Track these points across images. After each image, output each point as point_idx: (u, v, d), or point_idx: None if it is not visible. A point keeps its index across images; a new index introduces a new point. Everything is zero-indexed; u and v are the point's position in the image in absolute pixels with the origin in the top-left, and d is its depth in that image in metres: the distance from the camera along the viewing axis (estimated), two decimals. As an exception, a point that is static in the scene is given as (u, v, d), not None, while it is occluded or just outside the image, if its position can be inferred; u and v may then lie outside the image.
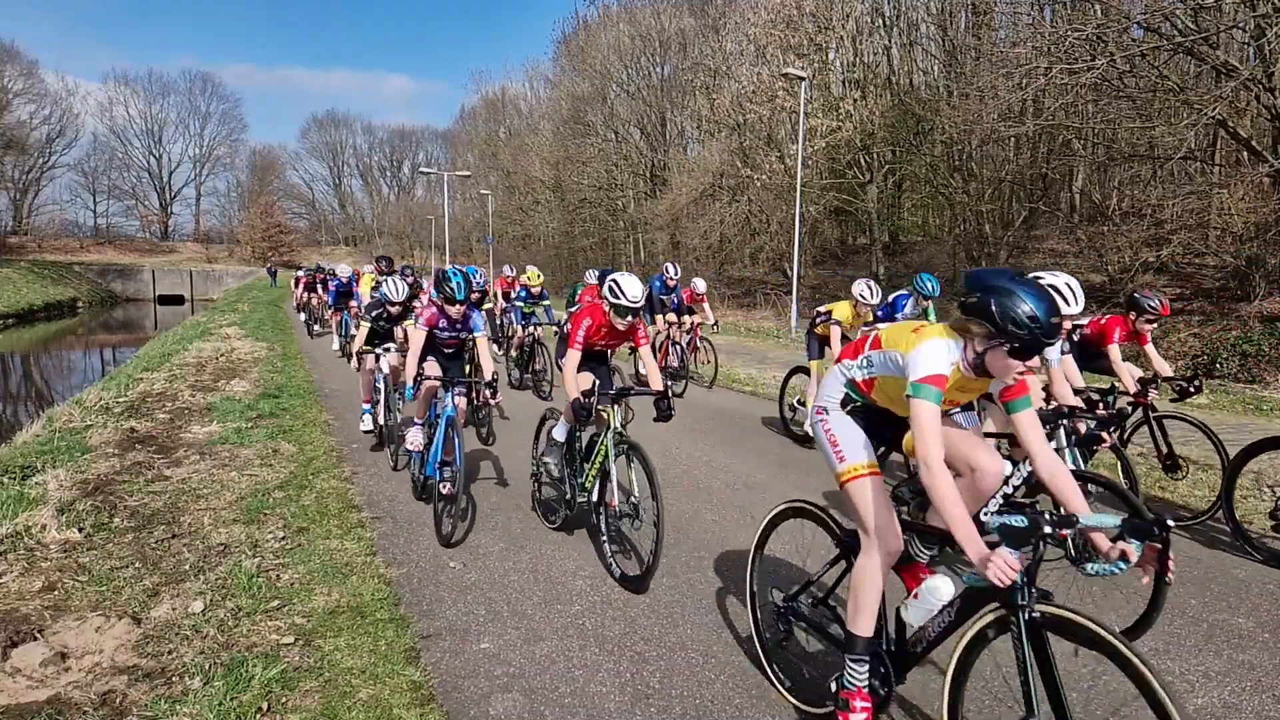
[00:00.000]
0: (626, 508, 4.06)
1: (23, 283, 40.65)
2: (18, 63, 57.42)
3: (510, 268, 15.12)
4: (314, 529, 4.69)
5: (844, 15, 23.97)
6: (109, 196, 69.19)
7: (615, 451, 4.11)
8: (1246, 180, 13.38)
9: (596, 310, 4.49)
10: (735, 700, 2.95)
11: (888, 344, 2.56)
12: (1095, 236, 16.81)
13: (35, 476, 5.44)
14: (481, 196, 51.75)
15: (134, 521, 4.74)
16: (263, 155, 76.06)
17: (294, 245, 65.25)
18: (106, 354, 25.51)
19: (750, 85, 25.60)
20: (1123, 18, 13.28)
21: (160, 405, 8.59)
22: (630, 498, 4.07)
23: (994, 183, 19.98)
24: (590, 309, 4.50)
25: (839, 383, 2.74)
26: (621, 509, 4.07)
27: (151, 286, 52.33)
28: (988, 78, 16.16)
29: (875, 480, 2.59)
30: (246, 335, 16.59)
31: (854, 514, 2.61)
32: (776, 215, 25.84)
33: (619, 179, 39.11)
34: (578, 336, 4.39)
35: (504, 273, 14.60)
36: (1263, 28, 11.90)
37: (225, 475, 5.80)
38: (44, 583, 3.79)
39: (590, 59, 39.62)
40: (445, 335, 5.33)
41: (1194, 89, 13.30)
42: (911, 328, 2.52)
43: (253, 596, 3.68)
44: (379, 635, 3.38)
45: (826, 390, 2.78)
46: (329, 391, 10.01)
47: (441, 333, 5.29)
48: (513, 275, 14.28)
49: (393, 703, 2.86)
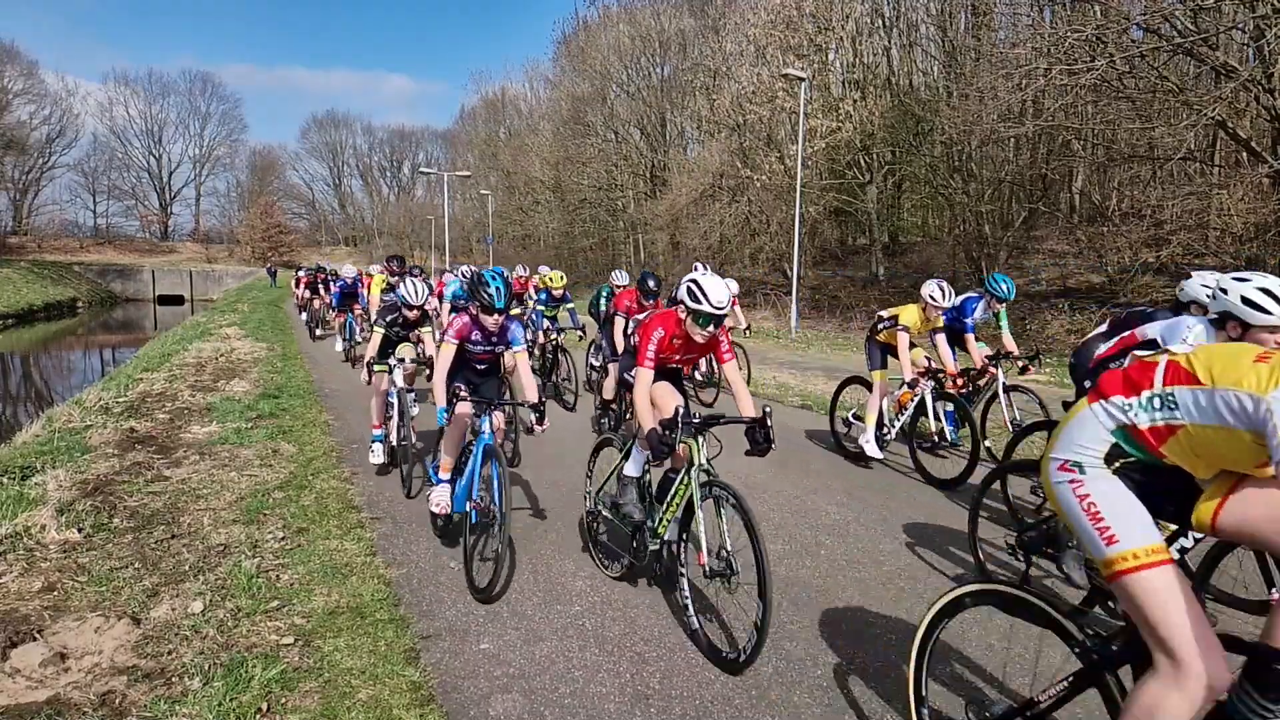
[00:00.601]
0: (717, 566, 3.24)
1: (22, 283, 40.64)
2: (18, 63, 57.46)
3: (523, 267, 14.49)
4: (314, 529, 4.69)
5: (844, 16, 23.98)
6: (109, 197, 69.23)
7: (702, 494, 3.37)
8: (1246, 181, 13.39)
9: (669, 319, 3.77)
10: (735, 701, 2.95)
11: (1216, 378, 1.75)
12: (1095, 237, 16.83)
13: (35, 477, 5.44)
14: (481, 197, 51.78)
15: (134, 522, 4.74)
16: (263, 155, 76.12)
17: (294, 245, 65.23)
18: (106, 354, 25.50)
19: (750, 86, 25.62)
20: (1122, 19, 13.29)
21: (160, 405, 8.58)
22: (721, 552, 3.21)
23: (994, 183, 19.99)
24: (662, 317, 3.80)
25: (1102, 429, 1.98)
26: (711, 567, 3.27)
27: (151, 287, 52.34)
28: (987, 78, 16.17)
29: (1169, 573, 1.81)
30: (246, 335, 16.58)
31: (1141, 622, 1.83)
32: (776, 216, 25.85)
33: (619, 179, 39.13)
34: (648, 351, 3.70)
35: (517, 273, 13.99)
36: (1262, 29, 11.91)
37: (225, 475, 5.80)
38: (43, 583, 3.79)
39: (590, 59, 39.65)
40: (479, 349, 4.56)
41: (1193, 90, 13.31)
42: (1253, 353, 1.75)
43: (252, 597, 3.68)
44: (379, 636, 3.37)
45: (1078, 438, 2.01)
46: (329, 392, 10.01)
47: (474, 346, 4.51)
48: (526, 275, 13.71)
49: (392, 703, 2.86)
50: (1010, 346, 6.74)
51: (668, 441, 3.43)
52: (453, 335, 4.36)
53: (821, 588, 4.02)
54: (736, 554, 3.16)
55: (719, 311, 3.56)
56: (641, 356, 3.72)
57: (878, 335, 6.58)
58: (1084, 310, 15.02)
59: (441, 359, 4.32)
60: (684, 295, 3.62)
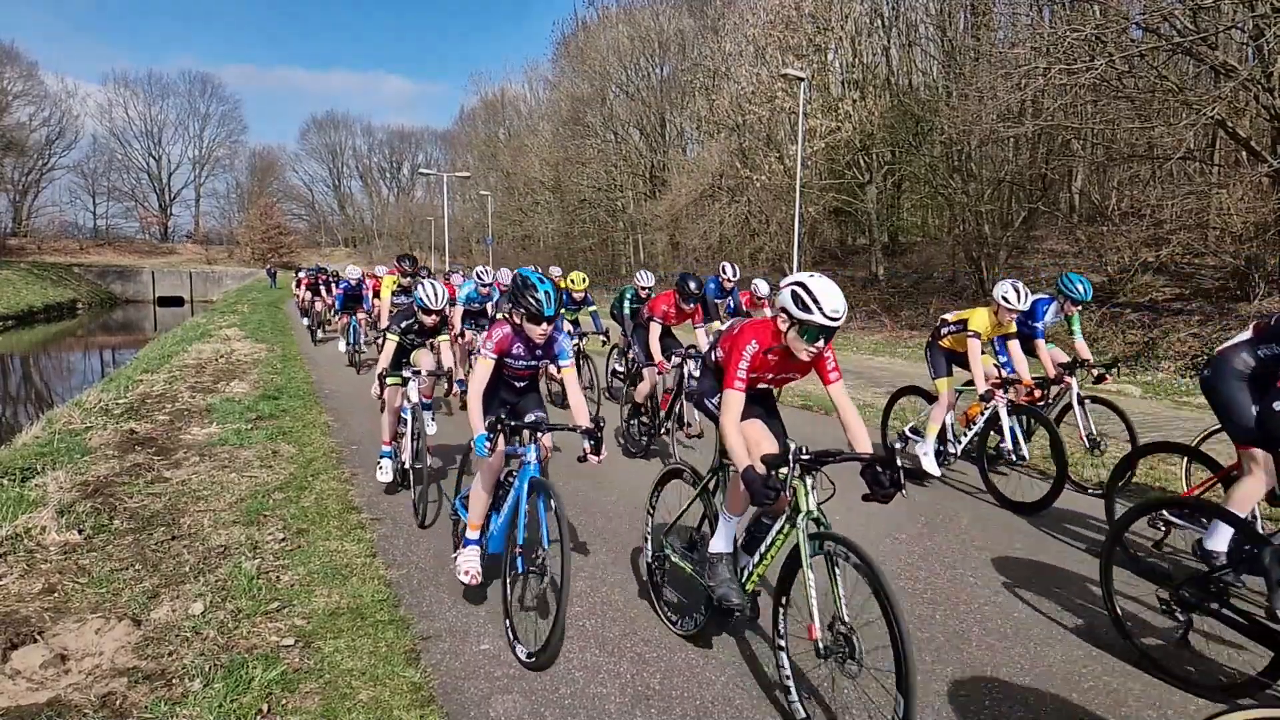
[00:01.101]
0: (832, 642, 2.59)
1: (22, 284, 40.65)
2: (17, 64, 57.53)
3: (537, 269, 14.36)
4: (314, 530, 4.69)
5: (843, 16, 23.98)
6: (108, 198, 69.30)
7: (811, 548, 2.71)
8: (1245, 180, 13.38)
9: (764, 330, 3.08)
10: (736, 701, 2.95)
11: None
12: (1095, 237, 16.83)
13: (35, 478, 5.44)
14: (481, 197, 51.78)
15: (134, 523, 4.74)
16: (262, 156, 76.20)
17: (293, 246, 65.29)
18: (106, 356, 25.50)
19: (749, 86, 25.62)
20: (1121, 18, 13.29)
21: (160, 407, 8.58)
22: (838, 624, 2.57)
23: (993, 183, 19.99)
24: (754, 329, 3.11)
25: None
26: (824, 645, 2.61)
27: (151, 288, 52.39)
28: (987, 78, 16.17)
29: None
30: (246, 336, 16.59)
31: None
32: (776, 216, 25.86)
33: (618, 180, 39.15)
34: (739, 371, 2.99)
35: None
36: (1261, 28, 11.91)
37: (225, 477, 5.80)
38: (44, 585, 3.79)
39: (590, 60, 39.68)
40: (519, 364, 3.87)
41: (1193, 89, 13.31)
42: None
43: (253, 598, 3.68)
44: (379, 637, 3.37)
45: None
46: (328, 393, 10.01)
47: (514, 361, 3.83)
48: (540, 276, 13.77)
49: (393, 704, 2.86)
50: (1084, 353, 6.15)
51: (774, 485, 2.72)
52: (491, 349, 3.68)
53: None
54: (859, 629, 2.54)
55: (834, 323, 2.86)
56: (730, 377, 3.00)
57: (941, 340, 6.00)
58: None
59: (477, 376, 3.70)
60: (787, 302, 2.93)
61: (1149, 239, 14.85)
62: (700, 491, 3.48)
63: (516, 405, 4.04)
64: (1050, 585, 4.02)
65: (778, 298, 3.03)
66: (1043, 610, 3.72)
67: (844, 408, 3.09)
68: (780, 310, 2.98)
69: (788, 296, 2.94)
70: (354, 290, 13.34)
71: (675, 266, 29.56)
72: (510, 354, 3.80)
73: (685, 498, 3.63)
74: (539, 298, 3.53)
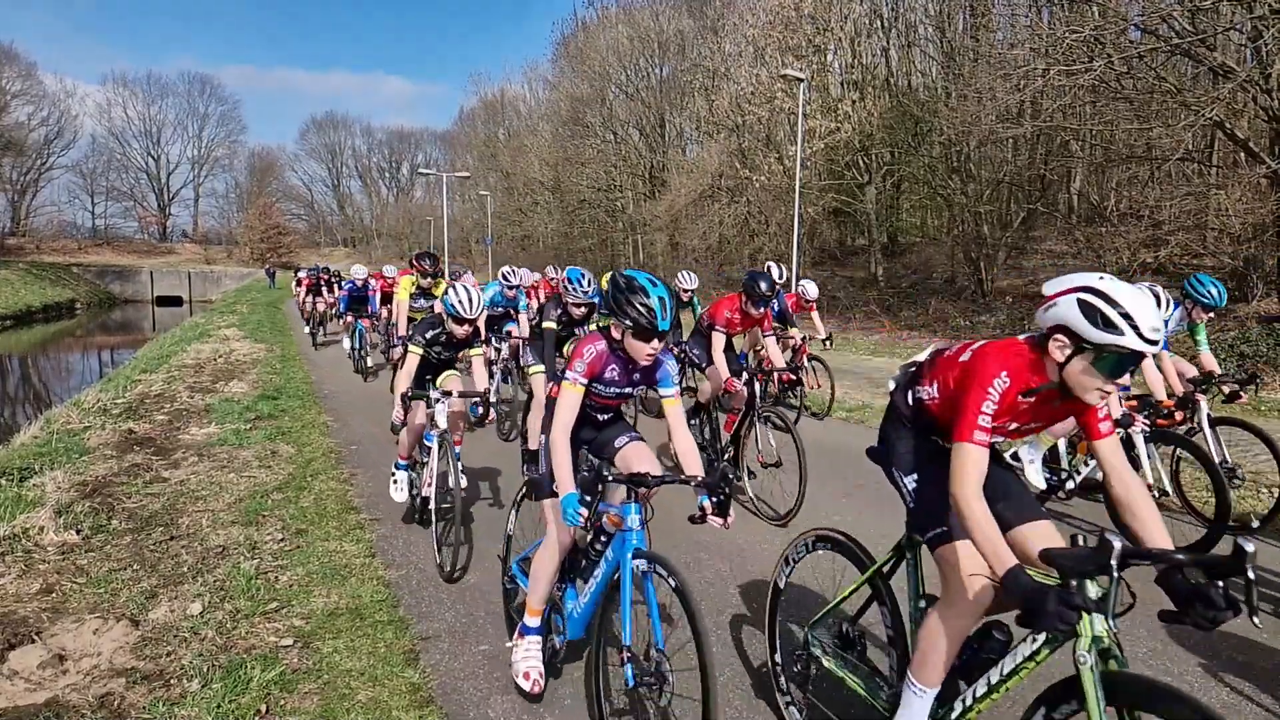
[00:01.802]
0: None
1: (21, 284, 40.60)
2: (16, 64, 57.60)
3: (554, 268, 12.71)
4: (313, 531, 4.68)
5: (842, 17, 24.00)
6: (107, 198, 69.24)
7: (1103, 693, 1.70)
8: (1244, 181, 13.39)
9: (1019, 360, 2.08)
10: (735, 702, 2.95)
11: None
12: (1093, 237, 16.84)
13: (33, 478, 5.44)
14: (480, 198, 51.76)
15: (132, 523, 4.74)
16: (261, 157, 76.20)
17: (292, 246, 65.24)
18: (105, 355, 25.47)
19: (749, 86, 25.64)
20: (1120, 19, 13.30)
21: (159, 407, 8.58)
22: None
23: (992, 184, 20.01)
24: (1003, 352, 2.10)
25: None
26: None
27: (150, 288, 52.33)
28: (986, 79, 16.19)
29: None
30: (245, 336, 16.58)
31: None
32: (775, 216, 25.87)
33: (618, 180, 39.15)
34: (980, 415, 2.02)
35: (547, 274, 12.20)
36: (1260, 29, 11.92)
37: (224, 477, 5.80)
38: (42, 585, 3.79)
39: (589, 60, 39.68)
40: (610, 391, 3.02)
41: (1191, 90, 13.32)
42: None
43: (251, 598, 3.67)
44: (378, 637, 3.37)
45: None
46: (327, 393, 10.01)
47: (604, 387, 2.97)
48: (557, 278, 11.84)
49: (392, 704, 2.85)
50: (1212, 366, 5.30)
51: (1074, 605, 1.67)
52: (582, 372, 2.79)
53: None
54: None
55: (1152, 347, 1.91)
56: (968, 425, 2.01)
57: None
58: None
59: (564, 410, 2.77)
60: (1072, 317, 1.94)
61: (1148, 240, 14.87)
62: (870, 576, 2.46)
63: (595, 443, 3.17)
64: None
65: (1051, 311, 2.01)
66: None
67: (1128, 484, 2.04)
68: (1056, 330, 1.99)
69: (1072, 309, 1.95)
70: (359, 292, 12.64)
71: (675, 267, 29.52)
72: (601, 378, 2.93)
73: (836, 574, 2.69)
74: (650, 306, 2.67)
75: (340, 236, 79.59)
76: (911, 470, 2.36)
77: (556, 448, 2.71)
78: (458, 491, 4.13)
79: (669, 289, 2.88)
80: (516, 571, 3.33)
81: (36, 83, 59.93)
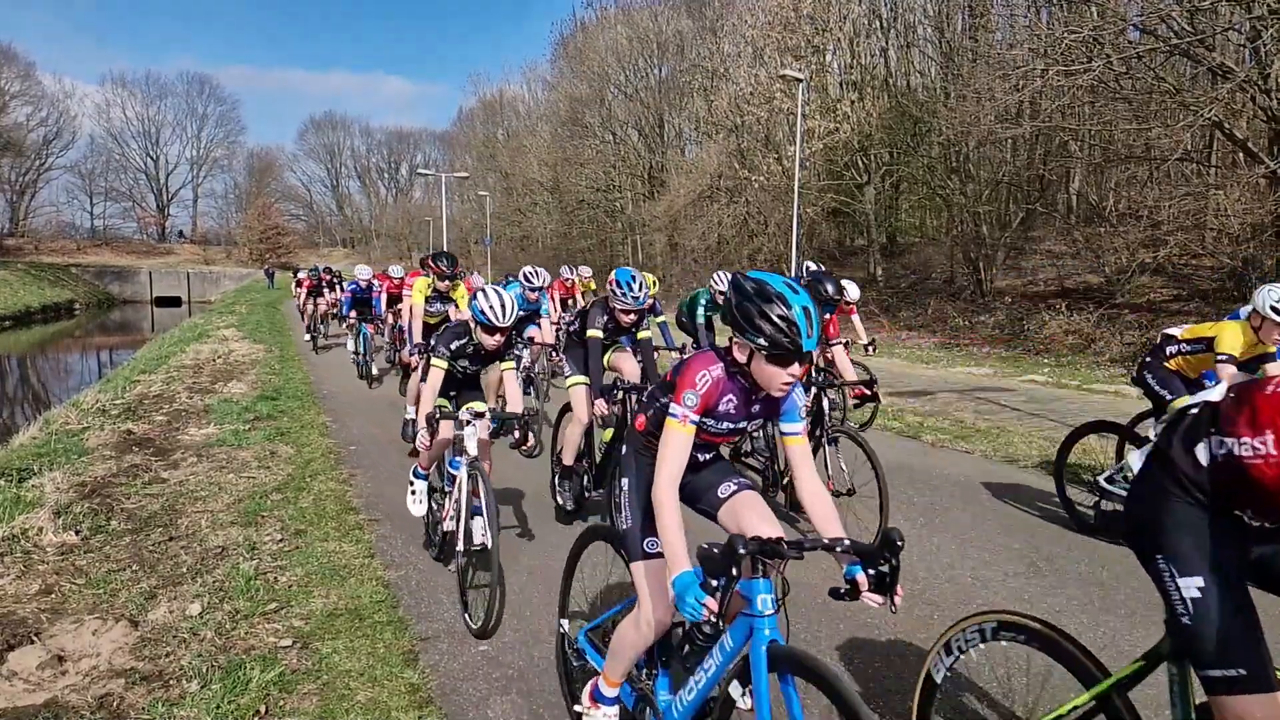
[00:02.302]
0: None
1: (19, 285, 40.58)
2: (15, 64, 57.64)
3: (570, 269, 11.87)
4: (312, 531, 4.68)
5: (841, 17, 24.01)
6: (106, 198, 69.37)
7: None
8: (1243, 182, 13.41)
9: None
10: (734, 702, 2.93)
11: None
12: (1092, 238, 16.85)
13: (32, 479, 5.43)
14: (479, 198, 51.76)
15: (131, 524, 4.73)
16: (260, 157, 76.30)
17: (291, 247, 65.27)
18: (104, 356, 25.46)
19: (748, 87, 25.65)
20: (1119, 19, 13.31)
21: (158, 407, 8.57)
22: None
23: (991, 184, 20.02)
24: None
25: None
26: None
27: (149, 288, 52.35)
28: (985, 79, 16.19)
29: None
30: (244, 337, 16.57)
31: None
32: (774, 216, 25.87)
33: (617, 180, 39.14)
34: None
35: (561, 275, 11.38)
36: (1258, 30, 11.94)
37: (223, 477, 5.79)
38: (41, 585, 3.79)
39: (588, 61, 39.67)
40: (721, 428, 2.32)
41: (1190, 91, 13.34)
42: None
43: (250, 599, 3.67)
44: (377, 638, 3.37)
45: None
46: (326, 393, 10.00)
47: (716, 423, 2.29)
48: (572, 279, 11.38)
49: (391, 705, 2.85)
50: None
51: None
52: (694, 406, 2.13)
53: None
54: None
55: None
56: None
57: (1168, 361, 4.68)
58: (1082, 311, 15.03)
59: (671, 458, 2.11)
60: None
61: (1146, 240, 14.88)
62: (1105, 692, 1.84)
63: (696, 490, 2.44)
64: None
65: None
66: None
67: None
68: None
69: None
70: (363, 294, 11.91)
71: (674, 267, 29.57)
72: (715, 411, 2.22)
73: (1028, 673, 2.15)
74: (792, 319, 1.96)
75: (339, 237, 79.62)
76: (1196, 571, 1.64)
77: (664, 508, 2.05)
78: (495, 545, 3.47)
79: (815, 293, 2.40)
80: (585, 644, 2.63)
81: (35, 83, 60.13)
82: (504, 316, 3.89)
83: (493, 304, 3.87)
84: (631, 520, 2.33)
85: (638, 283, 4.64)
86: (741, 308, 2.04)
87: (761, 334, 1.99)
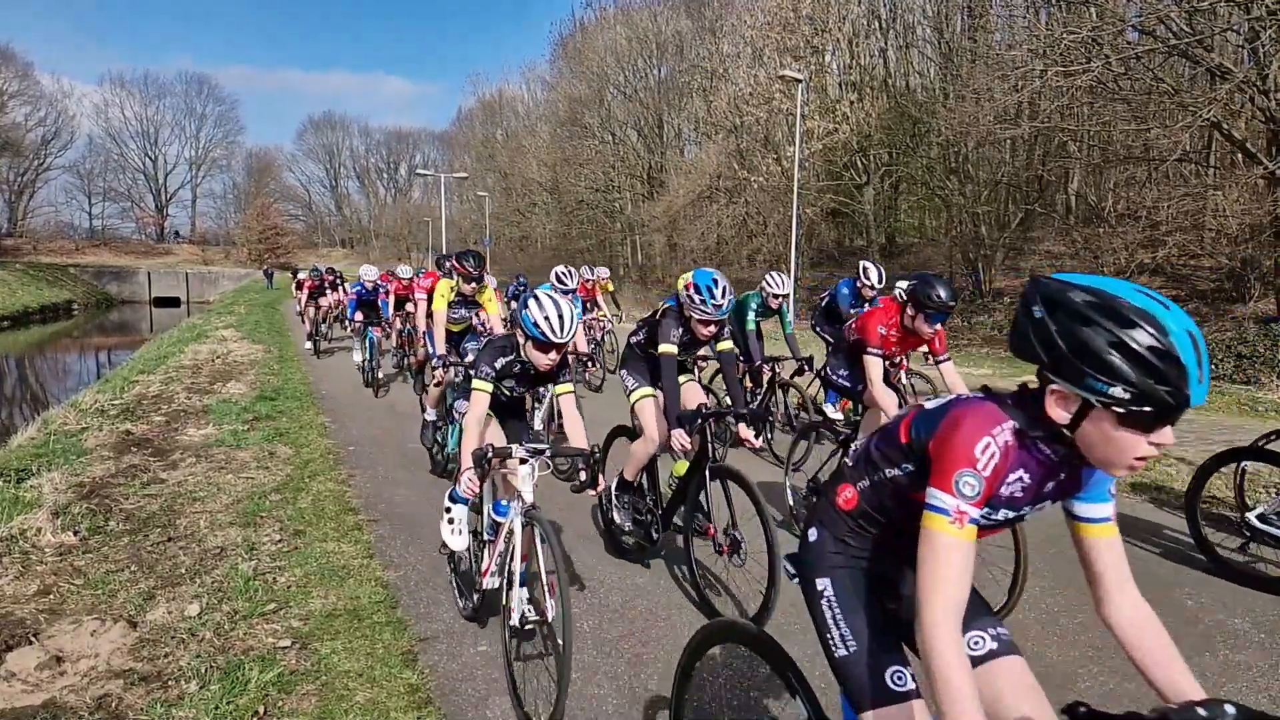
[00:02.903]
0: None
1: (18, 285, 40.54)
2: (13, 64, 57.54)
3: (591, 269, 11.17)
4: (311, 532, 4.67)
5: (840, 18, 24.04)
6: (104, 198, 69.33)
7: None
8: (1241, 182, 13.43)
9: None
10: (733, 702, 2.93)
11: None
12: (1091, 238, 16.88)
13: (31, 479, 5.42)
14: (479, 198, 51.76)
15: (130, 525, 4.73)
16: (259, 157, 76.24)
17: (290, 247, 65.21)
18: (102, 356, 25.44)
19: (747, 87, 25.68)
20: (1118, 20, 13.34)
21: (156, 408, 8.56)
22: None
23: (990, 184, 20.05)
24: None
25: None
26: None
27: (147, 289, 52.27)
28: (984, 80, 16.22)
29: None
30: (243, 337, 16.54)
31: None
32: (774, 217, 25.90)
33: (616, 181, 39.18)
34: None
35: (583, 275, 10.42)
36: (1257, 30, 11.96)
37: (221, 478, 5.78)
38: (39, 586, 3.78)
39: (587, 61, 39.72)
40: (995, 518, 1.52)
41: (1189, 91, 13.36)
42: None
43: (249, 599, 3.67)
44: (376, 638, 3.37)
45: None
46: (325, 394, 9.99)
47: (992, 512, 1.49)
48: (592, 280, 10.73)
49: (390, 705, 2.85)
50: None
51: None
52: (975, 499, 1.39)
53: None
54: None
55: None
56: None
57: None
58: None
59: (951, 579, 1.36)
60: None
61: (1145, 240, 14.91)
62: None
63: None
64: None
65: None
66: None
67: None
68: None
69: None
70: (369, 296, 11.11)
71: (674, 268, 29.57)
72: (996, 495, 1.46)
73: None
74: (1174, 354, 1.23)
75: (338, 237, 79.58)
76: None
77: (945, 655, 1.31)
78: (567, 617, 2.67)
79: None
80: None
81: (34, 83, 60.03)
82: (563, 330, 3.16)
83: (548, 314, 3.14)
84: (856, 645, 1.63)
85: (720, 287, 3.83)
86: (1075, 334, 1.30)
87: (1119, 379, 1.26)
